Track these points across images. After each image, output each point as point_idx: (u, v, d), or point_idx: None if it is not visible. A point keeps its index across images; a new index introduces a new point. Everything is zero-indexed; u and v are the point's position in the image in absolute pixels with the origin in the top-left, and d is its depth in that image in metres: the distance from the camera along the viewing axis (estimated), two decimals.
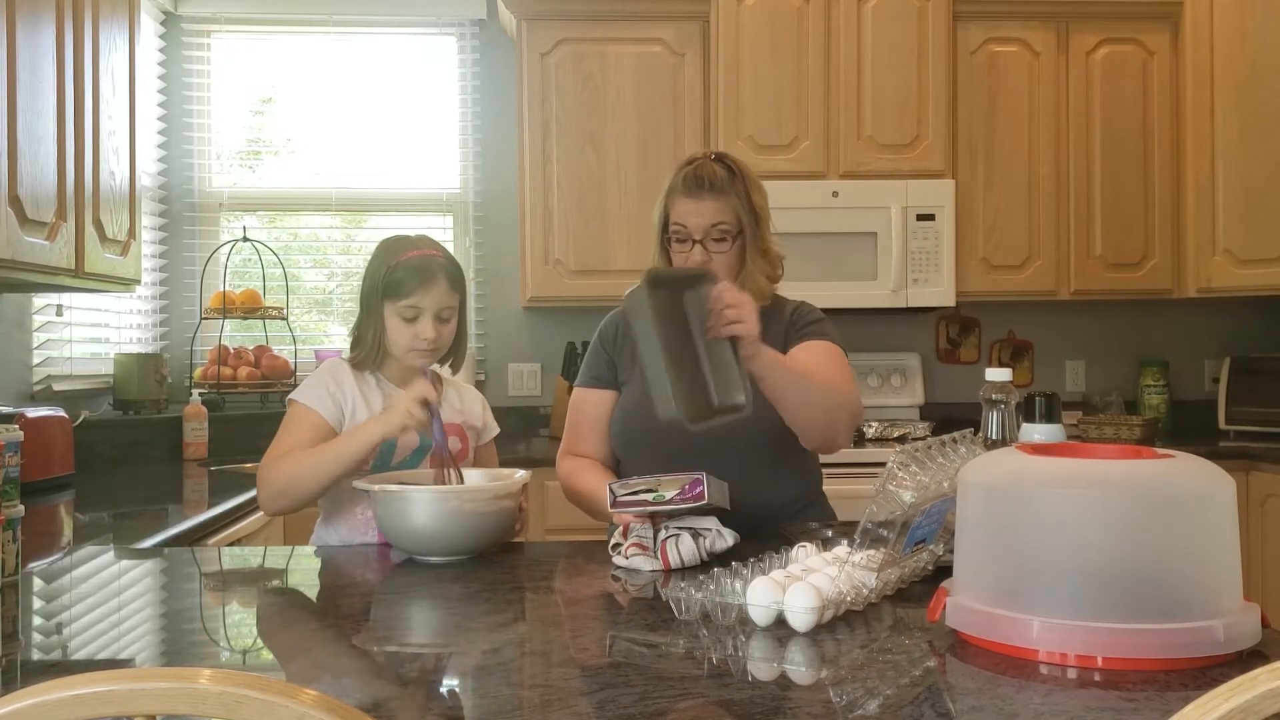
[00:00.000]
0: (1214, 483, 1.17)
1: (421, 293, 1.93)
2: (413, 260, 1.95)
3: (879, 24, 3.73)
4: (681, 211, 1.99)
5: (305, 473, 1.85)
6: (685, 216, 1.98)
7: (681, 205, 1.99)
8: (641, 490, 1.72)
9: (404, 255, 1.96)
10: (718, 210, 1.97)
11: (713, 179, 1.97)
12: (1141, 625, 1.11)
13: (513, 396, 4.09)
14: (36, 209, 2.33)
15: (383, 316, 1.96)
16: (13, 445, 1.57)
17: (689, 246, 1.98)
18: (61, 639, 1.37)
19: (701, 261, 1.96)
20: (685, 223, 1.98)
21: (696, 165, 2.01)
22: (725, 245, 1.99)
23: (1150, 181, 3.88)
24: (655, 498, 1.70)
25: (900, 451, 1.42)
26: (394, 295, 1.94)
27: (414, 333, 1.95)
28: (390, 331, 1.97)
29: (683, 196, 1.99)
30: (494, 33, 4.09)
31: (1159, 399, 4.08)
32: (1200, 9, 3.77)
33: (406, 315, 1.94)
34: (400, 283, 1.93)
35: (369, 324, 1.99)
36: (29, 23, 2.32)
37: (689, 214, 1.98)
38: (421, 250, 1.98)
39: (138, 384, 3.49)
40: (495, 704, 1.07)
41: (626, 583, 1.59)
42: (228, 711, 0.66)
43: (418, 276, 1.93)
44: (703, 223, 1.97)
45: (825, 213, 3.67)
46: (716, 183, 1.97)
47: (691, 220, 1.98)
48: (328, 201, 4.11)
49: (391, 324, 1.96)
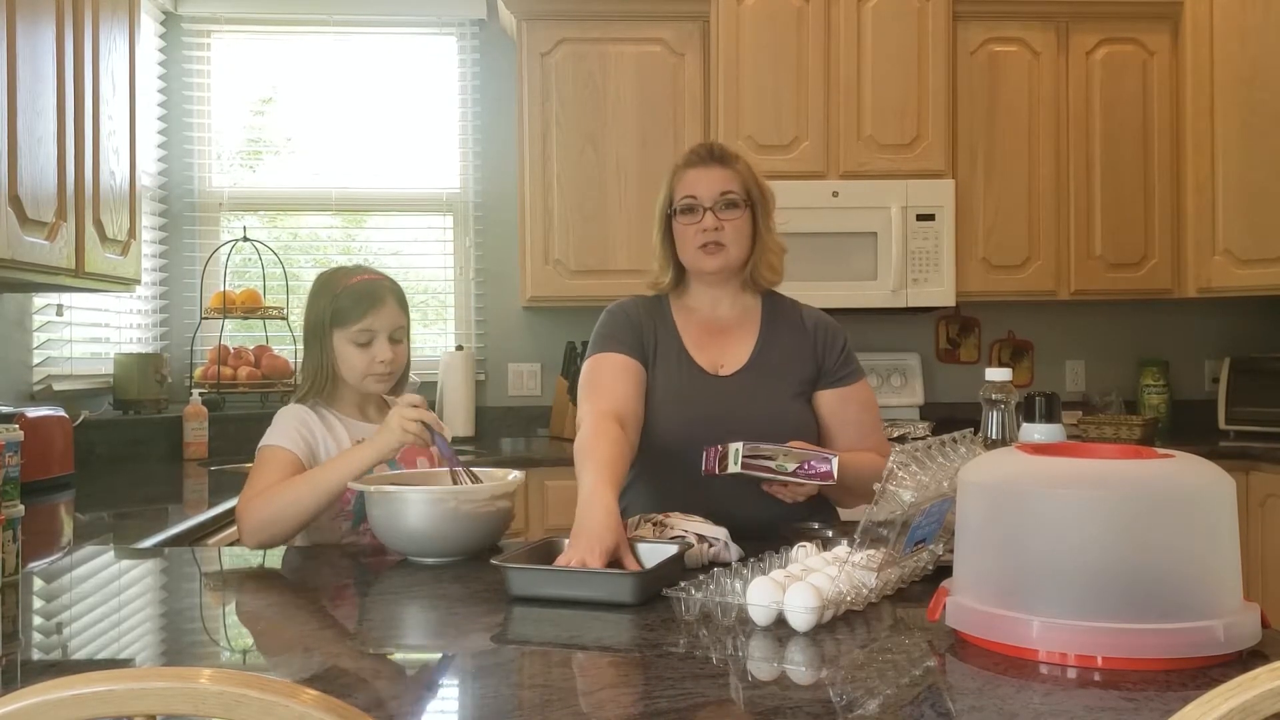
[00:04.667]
0: (1214, 483, 1.17)
1: (373, 315, 1.93)
2: (357, 285, 1.95)
3: (879, 24, 3.73)
4: (690, 181, 2.01)
5: (287, 504, 1.80)
6: (694, 185, 2.00)
7: (689, 175, 2.02)
8: (764, 456, 1.72)
9: (347, 282, 1.96)
10: (726, 178, 2.00)
11: (720, 151, 2.04)
12: (1141, 625, 1.11)
13: (513, 396, 4.09)
14: (36, 209, 2.33)
15: (333, 347, 1.95)
16: (13, 445, 1.57)
17: (699, 216, 1.99)
18: (61, 639, 1.37)
19: (711, 227, 1.97)
20: (695, 191, 2.00)
21: (700, 143, 2.07)
22: (736, 212, 2.00)
23: (1150, 181, 3.88)
24: (777, 466, 1.70)
25: (900, 451, 1.42)
26: (344, 322, 1.93)
27: (370, 357, 1.94)
28: (343, 360, 1.95)
29: (691, 167, 2.02)
30: (494, 33, 4.09)
31: (1159, 399, 4.08)
32: (1200, 9, 3.77)
33: (360, 340, 1.93)
34: (348, 309, 1.93)
35: (319, 358, 1.96)
36: (29, 23, 2.32)
37: (698, 182, 2.00)
38: (366, 275, 1.99)
39: (138, 384, 3.49)
40: (495, 704, 1.07)
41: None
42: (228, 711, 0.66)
43: (367, 300, 1.93)
44: (712, 190, 1.99)
45: (825, 213, 3.67)
46: (723, 155, 2.03)
47: (701, 188, 2.00)
48: (328, 201, 4.11)
49: (345, 352, 1.95)
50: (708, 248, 1.99)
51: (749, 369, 2.03)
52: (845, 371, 2.07)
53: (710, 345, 2.06)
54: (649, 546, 1.60)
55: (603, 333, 2.04)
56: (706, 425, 1.90)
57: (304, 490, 1.81)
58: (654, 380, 2.02)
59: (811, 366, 2.05)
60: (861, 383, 2.09)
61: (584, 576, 1.49)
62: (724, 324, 2.08)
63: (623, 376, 1.96)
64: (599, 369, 1.98)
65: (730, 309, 2.09)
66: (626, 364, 1.98)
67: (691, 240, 2.00)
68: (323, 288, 1.99)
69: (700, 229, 1.98)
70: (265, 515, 1.80)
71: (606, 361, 1.99)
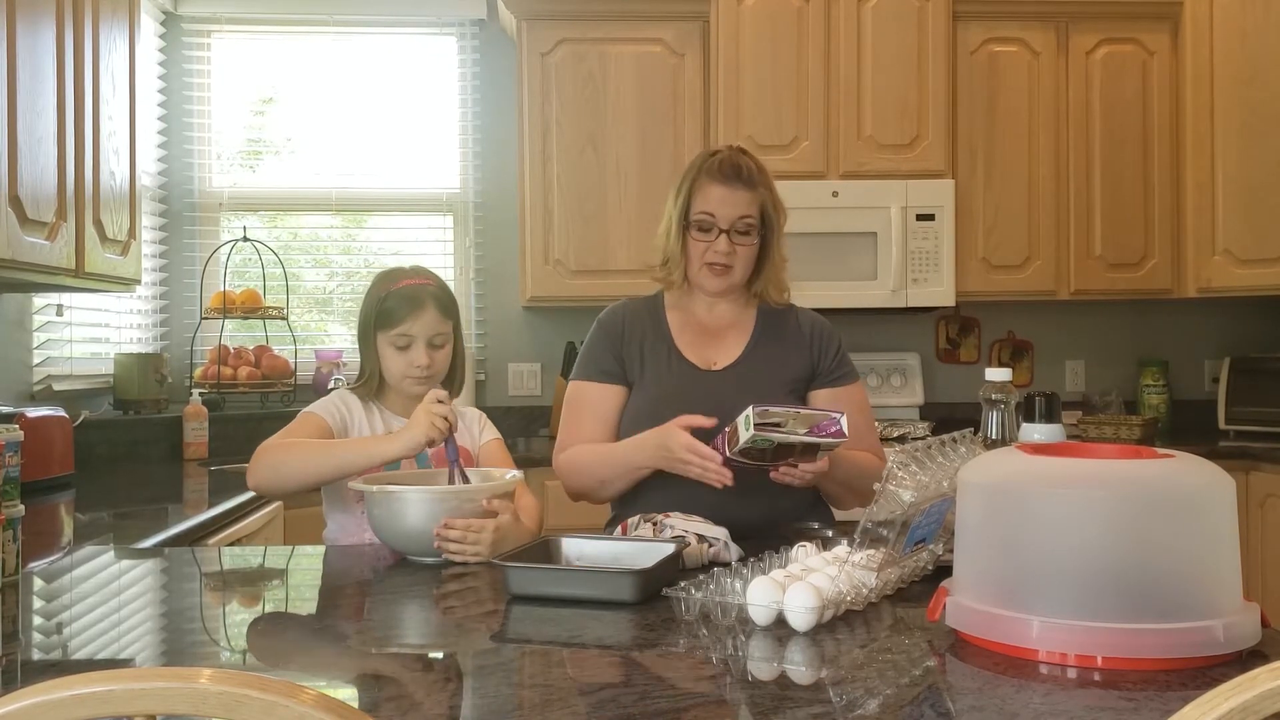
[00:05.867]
0: (1214, 483, 1.17)
1: (411, 320, 1.97)
2: (403, 289, 1.99)
3: (879, 24, 3.73)
4: (712, 199, 1.99)
5: (299, 459, 1.85)
6: (716, 205, 1.99)
7: (713, 192, 1.99)
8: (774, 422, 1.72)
9: (395, 285, 2.00)
10: (749, 202, 2.00)
11: (748, 170, 2.00)
12: (1141, 625, 1.11)
13: (513, 396, 4.09)
14: (36, 209, 2.33)
15: (377, 347, 2.00)
16: (13, 445, 1.57)
17: (713, 235, 1.99)
18: (61, 639, 1.37)
19: (724, 252, 1.98)
20: (714, 211, 1.99)
21: (728, 155, 2.02)
22: (749, 239, 2.01)
23: (1150, 181, 3.88)
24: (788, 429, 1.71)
25: (900, 451, 1.42)
26: (385, 325, 1.98)
27: (407, 360, 1.98)
28: (385, 361, 2.00)
29: (715, 183, 2.00)
30: (494, 33, 4.09)
31: (1159, 399, 4.08)
32: (1200, 9, 3.76)
33: (399, 344, 1.98)
34: (390, 312, 1.98)
35: (367, 355, 2.02)
36: (29, 23, 2.32)
37: (721, 202, 1.99)
38: (412, 280, 2.02)
39: (138, 384, 3.49)
40: (495, 704, 1.07)
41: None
42: (228, 711, 0.66)
43: (407, 305, 1.97)
44: (732, 213, 1.99)
45: (825, 213, 3.67)
46: (749, 175, 2.00)
47: (721, 209, 1.99)
48: (328, 201, 4.11)
49: (386, 353, 1.99)
50: (715, 268, 2.01)
51: (741, 363, 2.05)
52: (840, 372, 2.08)
53: (703, 344, 2.07)
54: (649, 546, 1.60)
55: (585, 355, 2.10)
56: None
57: (320, 454, 1.84)
58: (644, 381, 2.04)
59: (805, 365, 2.06)
60: (857, 384, 2.09)
61: (584, 575, 1.49)
62: (719, 325, 2.09)
63: (599, 409, 2.04)
64: (580, 399, 2.07)
65: (726, 312, 2.10)
66: (603, 394, 2.05)
67: (701, 257, 2.01)
68: (374, 288, 2.03)
69: (712, 250, 1.99)
70: (276, 460, 1.85)
71: (585, 393, 2.06)
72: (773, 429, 1.71)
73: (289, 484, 1.88)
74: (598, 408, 2.04)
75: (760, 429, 1.69)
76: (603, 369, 2.06)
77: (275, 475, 1.86)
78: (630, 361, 2.06)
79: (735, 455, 1.75)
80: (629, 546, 1.62)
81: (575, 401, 2.08)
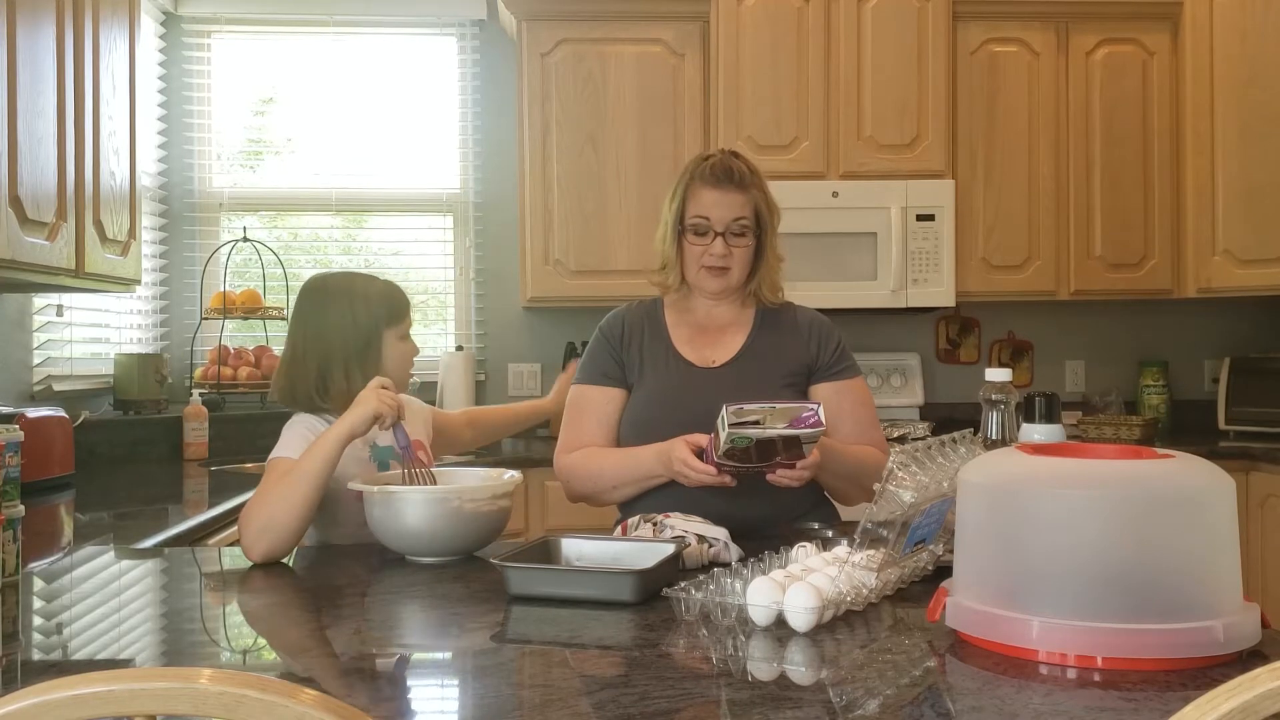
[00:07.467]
0: (1214, 483, 1.17)
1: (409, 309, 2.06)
2: (388, 286, 2.04)
3: (879, 24, 3.73)
4: (705, 202, 2.01)
5: (277, 502, 1.74)
6: (709, 208, 2.01)
7: (706, 195, 2.02)
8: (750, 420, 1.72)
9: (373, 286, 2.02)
10: (742, 204, 2.02)
11: (739, 173, 2.03)
12: (1141, 625, 1.11)
13: (513, 396, 4.09)
14: (37, 209, 2.33)
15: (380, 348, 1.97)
16: (13, 445, 1.57)
17: (709, 238, 2.01)
18: (61, 639, 1.37)
19: (720, 254, 2.00)
20: (708, 214, 2.01)
21: (720, 158, 2.05)
22: (744, 240, 2.03)
23: (1150, 181, 3.88)
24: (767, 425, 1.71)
25: (900, 451, 1.42)
26: (399, 319, 2.01)
27: (413, 349, 2.04)
28: (391, 357, 1.99)
29: (708, 187, 2.02)
30: (494, 33, 4.09)
31: (1159, 399, 4.08)
32: (1200, 9, 3.76)
33: (405, 334, 2.03)
34: (401, 305, 2.02)
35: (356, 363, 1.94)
36: (29, 23, 2.32)
37: (714, 205, 2.01)
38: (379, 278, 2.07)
39: (138, 384, 3.49)
40: (495, 704, 1.07)
41: None
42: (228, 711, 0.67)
43: (403, 295, 2.05)
44: (726, 215, 2.01)
45: (825, 213, 3.67)
46: (741, 177, 2.03)
47: (715, 212, 2.01)
48: (328, 201, 4.11)
49: (396, 348, 2.00)
50: (712, 270, 2.04)
51: (739, 359, 2.06)
52: (841, 366, 2.08)
53: (702, 343, 2.09)
54: (648, 546, 1.60)
55: (587, 359, 2.14)
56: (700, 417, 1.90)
57: (290, 485, 1.74)
58: (644, 383, 2.06)
59: (804, 359, 2.06)
60: (858, 379, 2.10)
61: (584, 576, 1.49)
62: (717, 325, 2.11)
63: (601, 412, 2.07)
64: (582, 403, 2.09)
65: (725, 313, 2.12)
66: (604, 398, 2.07)
67: (698, 260, 2.03)
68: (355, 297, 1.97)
69: (709, 253, 2.02)
70: (260, 520, 1.73)
71: (587, 396, 2.09)
72: (750, 426, 1.71)
73: (287, 535, 1.75)
74: (599, 411, 2.07)
75: (736, 428, 1.70)
76: (604, 373, 2.09)
77: (269, 538, 1.73)
78: (630, 364, 2.08)
79: (722, 459, 1.76)
80: (629, 547, 1.62)
81: (577, 405, 2.10)
